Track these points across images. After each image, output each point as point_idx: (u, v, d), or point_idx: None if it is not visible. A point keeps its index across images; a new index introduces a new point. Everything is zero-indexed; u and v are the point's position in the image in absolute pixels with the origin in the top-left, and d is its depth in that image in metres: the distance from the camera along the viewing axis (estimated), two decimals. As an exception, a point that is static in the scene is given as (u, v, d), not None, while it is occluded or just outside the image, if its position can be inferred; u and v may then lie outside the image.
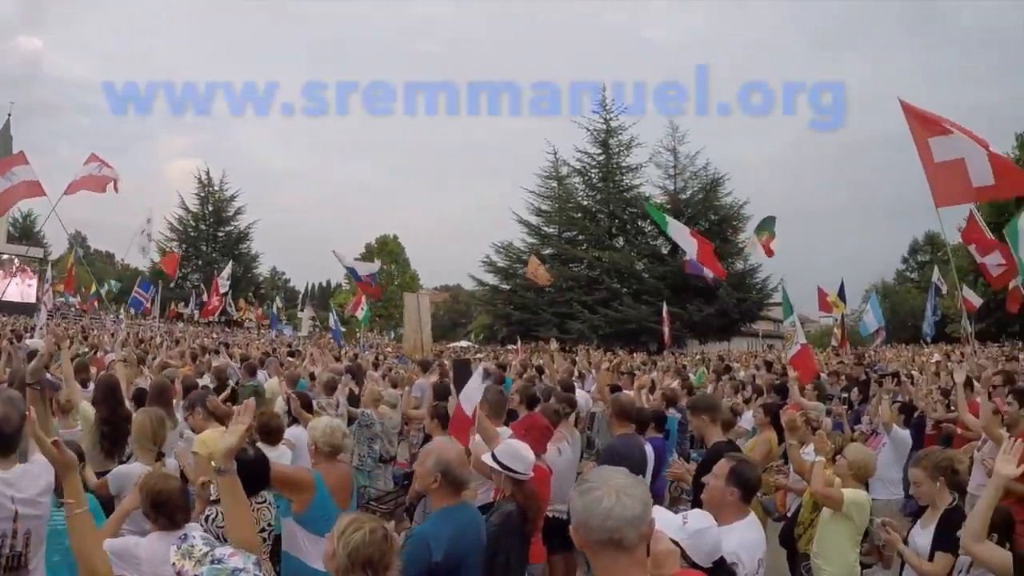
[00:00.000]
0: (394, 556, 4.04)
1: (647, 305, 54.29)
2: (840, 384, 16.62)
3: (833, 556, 6.67)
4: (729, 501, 5.04)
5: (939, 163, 12.70)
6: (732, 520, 4.98)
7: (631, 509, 2.87)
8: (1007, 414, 8.20)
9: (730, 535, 4.69)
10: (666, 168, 63.51)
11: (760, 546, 5.08)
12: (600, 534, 2.88)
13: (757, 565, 4.94)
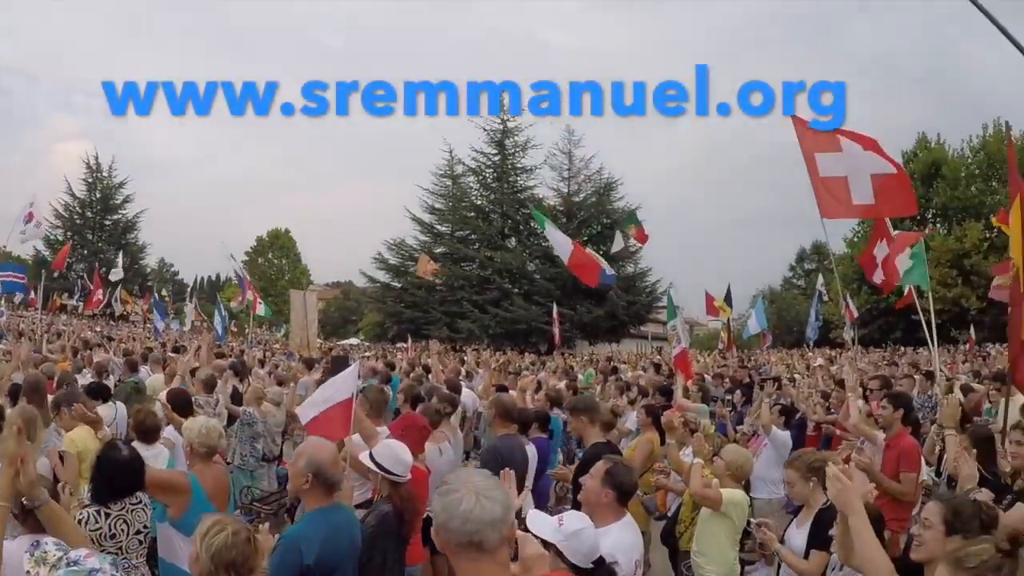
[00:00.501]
0: (259, 559, 3.98)
1: (538, 306, 54.67)
2: (724, 386, 16.94)
3: (713, 554, 6.78)
4: (605, 503, 5.06)
5: (824, 177, 13.04)
6: (608, 521, 5.01)
7: (491, 511, 2.86)
8: (881, 417, 8.43)
9: (606, 536, 4.70)
10: (560, 171, 64.25)
11: (637, 547, 5.11)
12: (460, 536, 2.86)
13: (634, 566, 4.97)
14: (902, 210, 13.69)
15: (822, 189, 13.03)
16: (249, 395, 12.34)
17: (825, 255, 71.93)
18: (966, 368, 22.81)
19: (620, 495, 5.09)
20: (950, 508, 4.31)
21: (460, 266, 61.54)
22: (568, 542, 4.07)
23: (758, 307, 36.42)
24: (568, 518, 4.21)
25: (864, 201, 12.84)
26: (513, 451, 7.89)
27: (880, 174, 12.91)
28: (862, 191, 12.78)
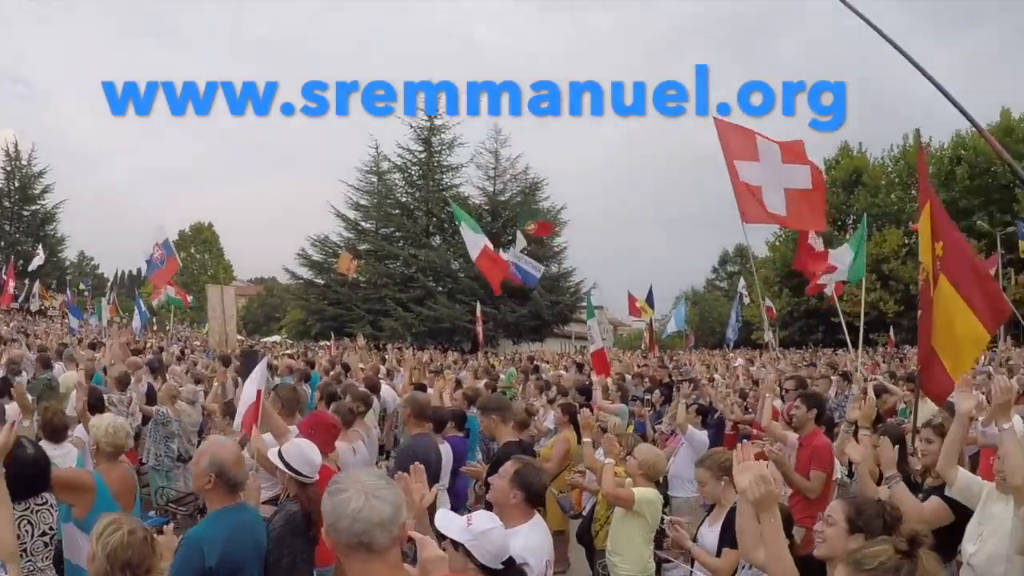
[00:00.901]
0: (156, 559, 3.93)
1: (461, 304, 54.53)
2: (644, 386, 17.05)
3: (627, 553, 6.81)
4: (513, 503, 5.05)
5: (744, 182, 13.23)
6: (518, 522, 5.00)
7: (380, 511, 2.83)
8: (795, 417, 8.56)
9: (516, 537, 4.69)
10: (486, 169, 64.17)
11: (547, 548, 5.09)
12: (349, 537, 2.82)
13: (545, 567, 4.95)
14: (811, 225, 14.03)
15: (743, 193, 13.22)
16: (163, 394, 12.15)
17: (747, 258, 73.05)
18: (883, 369, 23.24)
19: (529, 496, 5.08)
20: (853, 506, 4.35)
21: (384, 264, 61.00)
22: (477, 542, 4.02)
23: (679, 308, 36.89)
24: (477, 518, 4.18)
25: (777, 211, 13.11)
26: (427, 450, 7.87)
27: (794, 189, 13.18)
28: (775, 202, 13.05)
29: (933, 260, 8.24)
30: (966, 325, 8.05)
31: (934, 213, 8.42)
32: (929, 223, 8.38)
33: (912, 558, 2.65)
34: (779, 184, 13.13)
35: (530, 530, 5.02)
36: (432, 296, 57.47)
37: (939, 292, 8.13)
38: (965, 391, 5.88)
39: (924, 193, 8.87)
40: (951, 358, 8.24)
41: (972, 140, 61.37)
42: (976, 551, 5.40)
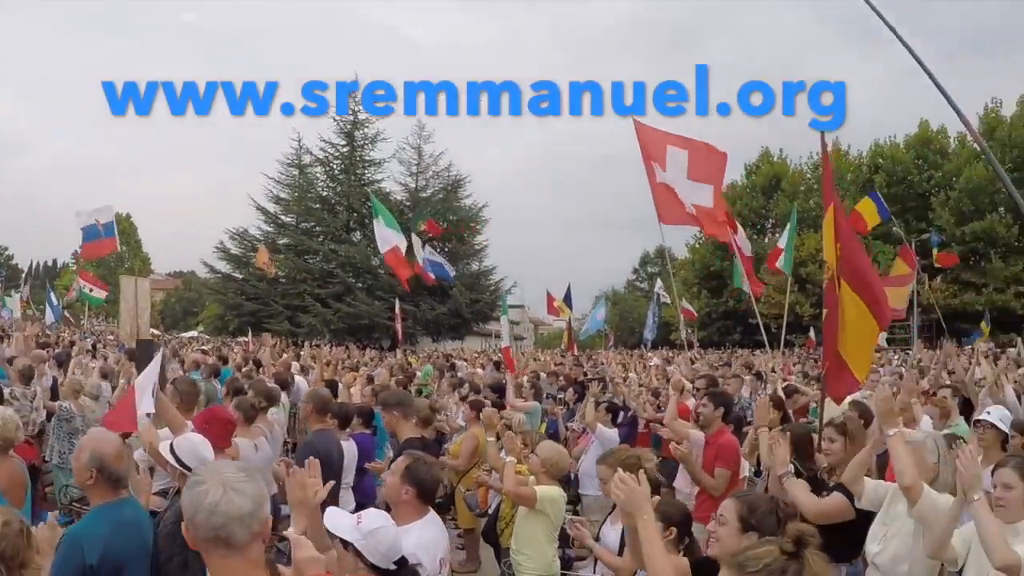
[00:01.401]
0: (31, 552, 3.78)
1: (381, 301, 53.80)
2: (559, 384, 17.05)
3: (531, 551, 6.75)
4: (406, 500, 4.95)
5: (660, 183, 13.31)
6: (411, 519, 4.90)
7: (239, 505, 2.72)
8: (702, 415, 8.60)
9: (408, 535, 4.60)
10: (409, 165, 63.61)
11: (441, 545, 5.01)
12: (206, 531, 2.71)
13: (439, 565, 4.88)
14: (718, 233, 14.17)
15: (660, 194, 13.29)
16: (66, 388, 11.84)
17: (669, 258, 73.78)
18: (798, 370, 23.53)
19: (422, 492, 4.97)
20: (745, 504, 4.30)
21: (303, 259, 60.19)
22: (366, 541, 3.94)
23: (598, 308, 37.02)
24: (367, 516, 4.07)
25: (692, 213, 13.24)
26: (329, 447, 7.73)
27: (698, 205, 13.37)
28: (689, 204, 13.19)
29: (836, 260, 8.40)
30: (865, 324, 8.28)
31: (836, 215, 8.60)
32: (832, 224, 8.54)
33: (799, 559, 2.52)
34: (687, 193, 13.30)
35: (423, 527, 4.92)
36: (351, 292, 56.79)
37: (843, 291, 8.29)
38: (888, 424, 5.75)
39: (828, 195, 9.11)
40: (855, 357, 8.39)
41: (890, 149, 63.12)
42: (880, 551, 5.43)
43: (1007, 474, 4.86)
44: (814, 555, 2.55)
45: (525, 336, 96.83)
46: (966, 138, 61.42)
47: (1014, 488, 4.79)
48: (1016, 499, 4.77)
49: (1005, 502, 4.78)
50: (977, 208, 55.06)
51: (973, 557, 4.89)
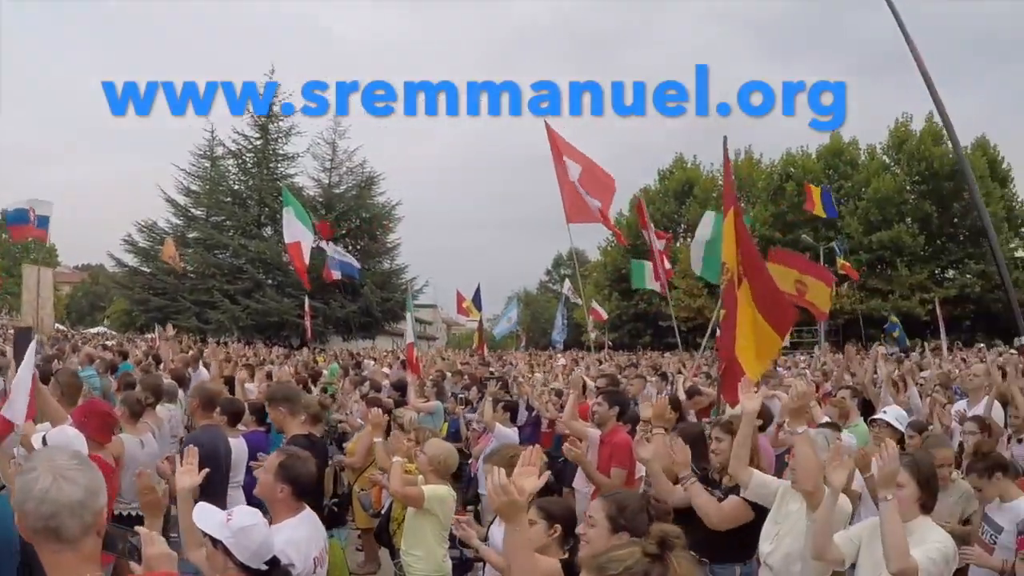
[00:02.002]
0: None
1: (290, 298, 52.99)
2: (463, 383, 16.95)
3: (421, 552, 6.61)
4: (280, 498, 4.80)
5: (571, 182, 13.34)
6: (285, 517, 4.77)
7: (69, 494, 2.53)
8: (597, 413, 8.54)
9: (279, 534, 4.46)
10: (323, 161, 62.73)
11: (314, 543, 4.86)
12: (35, 520, 2.52)
13: (313, 564, 4.73)
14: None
15: (569, 193, 13.31)
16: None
17: (582, 261, 74.52)
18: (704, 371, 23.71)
19: (297, 489, 4.82)
20: (614, 504, 4.20)
21: (213, 253, 59.09)
22: (235, 539, 3.78)
23: (510, 308, 37.06)
24: (237, 513, 3.92)
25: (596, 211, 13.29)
26: (216, 443, 7.47)
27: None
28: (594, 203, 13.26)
29: (737, 262, 8.52)
30: (762, 329, 8.40)
31: (737, 220, 8.77)
32: (733, 227, 8.71)
33: (663, 561, 2.34)
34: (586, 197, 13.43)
35: (296, 525, 4.76)
36: (261, 289, 55.97)
37: (742, 293, 8.41)
38: (748, 392, 5.86)
39: (728, 199, 9.27)
40: (748, 359, 8.46)
41: (801, 159, 64.35)
42: (772, 550, 5.38)
43: (899, 472, 4.78)
44: (679, 557, 2.38)
45: (437, 336, 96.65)
46: (875, 150, 63.33)
47: (906, 487, 4.75)
48: (907, 498, 4.73)
49: (897, 500, 4.69)
50: (885, 218, 56.53)
51: (866, 557, 4.85)
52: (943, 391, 13.15)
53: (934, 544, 4.55)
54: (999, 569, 5.86)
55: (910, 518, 4.71)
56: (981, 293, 55.39)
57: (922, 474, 4.82)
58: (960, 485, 6.82)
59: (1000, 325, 53.10)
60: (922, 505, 4.78)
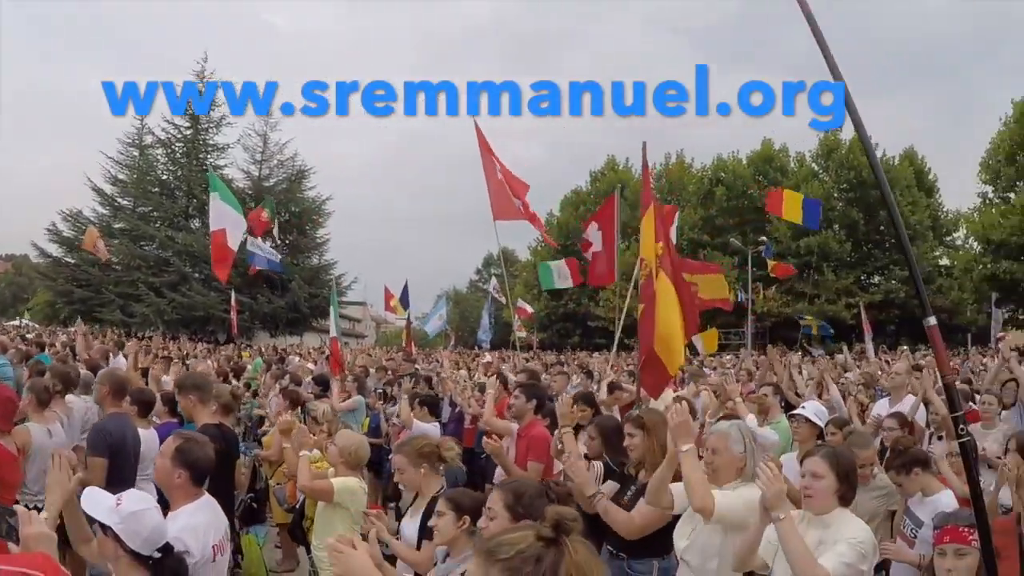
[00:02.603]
0: None
1: (217, 292, 51.94)
2: (386, 378, 16.81)
3: None
4: (178, 483, 4.60)
5: (499, 179, 13.37)
6: (183, 503, 4.59)
7: None
8: (514, 406, 8.49)
9: (175, 520, 4.33)
10: (253, 152, 61.80)
11: (215, 530, 4.67)
12: None
13: (213, 552, 4.55)
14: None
15: (497, 190, 13.33)
16: None
17: (512, 261, 74.64)
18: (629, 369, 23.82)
19: (195, 474, 4.65)
20: (511, 492, 4.11)
21: (139, 245, 57.82)
22: (125, 524, 3.63)
23: (439, 307, 36.97)
24: (127, 497, 3.76)
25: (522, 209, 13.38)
26: (124, 431, 7.24)
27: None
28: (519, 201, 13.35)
29: (656, 257, 8.91)
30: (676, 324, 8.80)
31: (656, 216, 9.29)
32: (652, 224, 9.19)
33: (559, 545, 2.17)
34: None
35: (194, 511, 4.58)
36: (187, 282, 55.01)
37: (660, 286, 8.73)
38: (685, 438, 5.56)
39: (647, 197, 9.88)
40: (667, 352, 8.80)
41: (732, 164, 65.22)
42: (688, 546, 5.32)
43: (816, 463, 4.70)
44: (576, 541, 2.20)
45: (367, 334, 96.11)
46: (804, 158, 64.25)
47: (823, 477, 4.63)
48: (824, 489, 4.62)
49: (813, 492, 4.64)
50: (813, 224, 57.20)
51: (780, 563, 4.79)
52: (865, 390, 13.36)
53: (848, 542, 4.43)
54: (917, 563, 5.87)
55: (828, 509, 4.63)
56: (906, 299, 56.41)
57: (841, 466, 4.68)
58: (881, 480, 6.83)
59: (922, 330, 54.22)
60: (840, 497, 4.65)
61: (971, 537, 4.23)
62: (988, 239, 51.08)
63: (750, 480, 5.18)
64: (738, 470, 5.28)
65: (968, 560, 4.22)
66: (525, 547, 2.12)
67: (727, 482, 5.28)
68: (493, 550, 2.15)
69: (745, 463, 5.28)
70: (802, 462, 4.94)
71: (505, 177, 13.64)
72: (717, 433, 5.47)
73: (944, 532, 4.37)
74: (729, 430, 5.46)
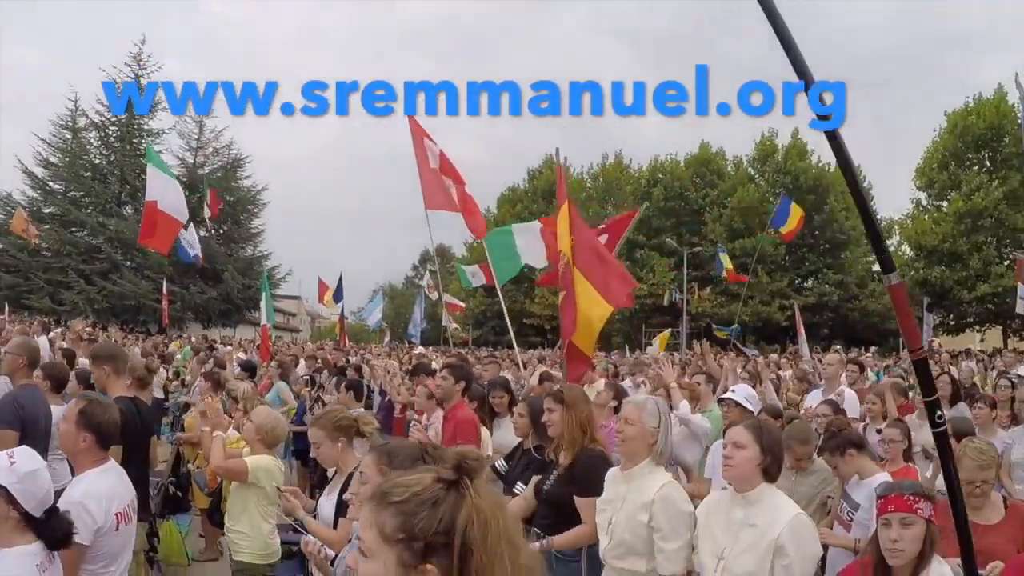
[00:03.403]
0: None
1: (149, 281, 51.12)
2: (315, 367, 16.68)
3: (246, 528, 6.27)
4: (84, 448, 4.44)
5: (431, 169, 13.36)
6: (87, 468, 4.43)
7: None
8: (442, 387, 8.42)
9: (78, 484, 4.24)
10: (189, 139, 60.47)
11: (119, 497, 4.53)
12: None
13: (116, 520, 4.41)
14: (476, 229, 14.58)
15: (428, 180, 13.37)
16: None
17: (448, 257, 74.56)
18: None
19: (100, 437, 4.47)
20: (384, 453, 3.92)
21: (69, 231, 56.42)
22: (22, 484, 3.52)
23: (375, 302, 36.84)
24: (21, 456, 3.61)
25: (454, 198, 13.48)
26: (36, 404, 6.96)
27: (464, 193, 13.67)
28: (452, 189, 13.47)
29: (571, 247, 9.82)
30: (594, 306, 9.55)
31: (571, 211, 10.30)
32: (567, 219, 10.14)
33: (459, 488, 1.94)
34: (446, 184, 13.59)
35: (99, 476, 4.43)
36: (118, 270, 53.69)
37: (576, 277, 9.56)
38: None
39: (561, 196, 10.93)
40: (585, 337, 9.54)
41: (669, 165, 65.84)
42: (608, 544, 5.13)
43: (739, 432, 4.54)
44: (479, 484, 1.98)
45: (301, 328, 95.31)
46: (741, 162, 64.92)
47: (745, 447, 4.45)
48: (747, 460, 4.44)
49: (734, 462, 4.46)
50: (747, 226, 57.74)
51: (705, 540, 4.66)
52: (798, 385, 13.51)
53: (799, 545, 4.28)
54: (852, 547, 5.82)
55: (752, 484, 4.46)
56: (839, 302, 57.35)
57: (765, 438, 4.50)
58: (818, 465, 6.76)
59: (857, 334, 55.21)
60: (764, 470, 4.46)
61: (916, 506, 4.08)
62: (920, 244, 51.95)
63: (660, 462, 5.08)
64: (649, 446, 5.08)
65: (915, 530, 4.06)
66: (421, 489, 1.91)
67: (638, 458, 5.09)
68: (387, 492, 1.93)
69: (657, 440, 5.09)
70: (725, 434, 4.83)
71: (443, 168, 13.63)
72: (633, 403, 5.29)
73: (888, 501, 4.18)
74: (646, 403, 5.27)
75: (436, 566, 1.87)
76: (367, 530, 1.94)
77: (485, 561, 1.89)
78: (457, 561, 1.88)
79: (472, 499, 1.92)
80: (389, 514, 1.92)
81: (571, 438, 5.78)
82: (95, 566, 4.42)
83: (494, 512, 1.96)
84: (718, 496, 4.75)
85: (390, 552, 1.89)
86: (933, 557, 4.07)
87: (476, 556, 1.88)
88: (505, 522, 1.97)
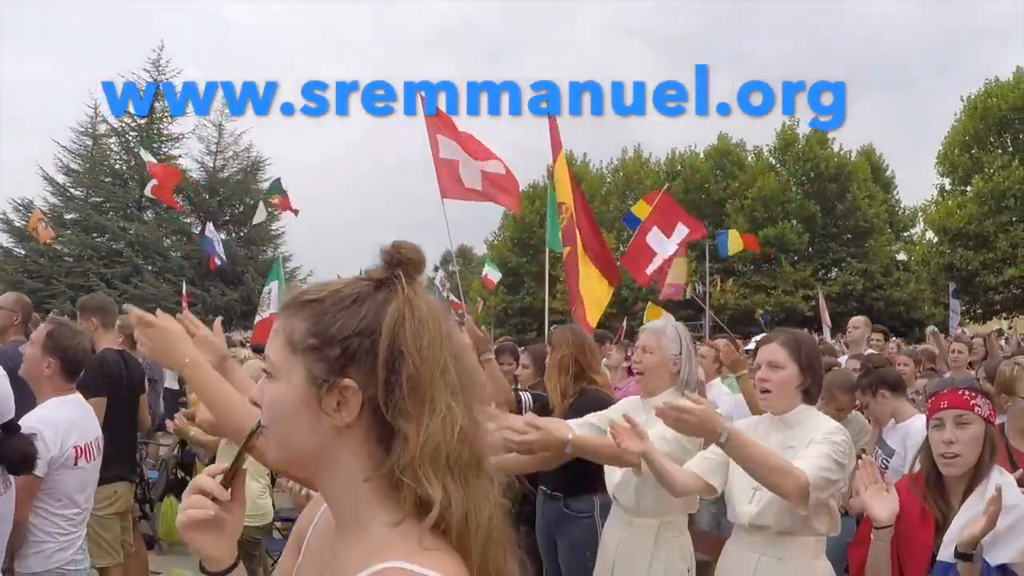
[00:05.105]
0: None
1: (169, 284, 51.25)
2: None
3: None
4: (48, 374, 4.24)
5: (444, 158, 13.23)
6: (50, 395, 4.25)
7: None
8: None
9: (35, 412, 4.12)
10: (208, 143, 60.38)
11: (79, 429, 4.32)
12: None
13: (73, 453, 4.21)
14: (509, 204, 14.33)
15: (442, 171, 13.21)
16: None
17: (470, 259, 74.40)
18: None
19: (66, 363, 4.24)
20: None
21: (91, 236, 56.44)
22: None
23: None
24: None
25: (474, 186, 13.30)
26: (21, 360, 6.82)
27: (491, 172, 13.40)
28: (472, 177, 13.31)
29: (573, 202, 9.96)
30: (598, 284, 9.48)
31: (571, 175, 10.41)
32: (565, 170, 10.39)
33: (389, 286, 1.53)
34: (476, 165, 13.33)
35: (58, 405, 4.19)
36: (140, 274, 53.77)
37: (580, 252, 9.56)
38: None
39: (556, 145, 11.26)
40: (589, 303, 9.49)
41: (689, 158, 65.47)
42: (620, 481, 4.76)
43: (773, 350, 3.98)
44: (412, 280, 1.55)
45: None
46: (762, 152, 64.53)
47: (783, 367, 3.93)
48: (785, 381, 3.92)
49: (771, 384, 3.94)
50: (770, 216, 57.40)
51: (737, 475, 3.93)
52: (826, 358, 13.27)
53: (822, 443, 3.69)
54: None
55: (791, 406, 3.95)
56: (863, 291, 56.76)
57: (804, 354, 3.96)
58: (854, 416, 6.41)
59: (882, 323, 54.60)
60: (805, 391, 3.95)
61: (974, 402, 3.44)
62: (945, 228, 51.30)
63: (686, 387, 4.66)
64: (672, 375, 4.70)
65: (972, 430, 3.40)
66: (342, 286, 1.54)
67: (661, 388, 4.69)
68: (301, 293, 1.57)
69: (680, 367, 4.70)
70: (756, 353, 4.36)
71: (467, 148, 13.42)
72: (650, 330, 4.88)
73: (940, 397, 3.55)
74: (665, 327, 4.86)
75: (356, 381, 1.45)
76: (273, 341, 1.56)
77: (422, 371, 1.45)
78: (384, 371, 1.44)
79: (405, 293, 1.52)
80: (301, 319, 1.53)
81: (560, 379, 5.52)
82: (49, 504, 4.19)
83: (433, 313, 1.54)
84: (755, 421, 4.31)
85: (299, 364, 1.50)
86: (994, 467, 3.43)
87: (409, 364, 1.45)
88: (448, 328, 1.54)
